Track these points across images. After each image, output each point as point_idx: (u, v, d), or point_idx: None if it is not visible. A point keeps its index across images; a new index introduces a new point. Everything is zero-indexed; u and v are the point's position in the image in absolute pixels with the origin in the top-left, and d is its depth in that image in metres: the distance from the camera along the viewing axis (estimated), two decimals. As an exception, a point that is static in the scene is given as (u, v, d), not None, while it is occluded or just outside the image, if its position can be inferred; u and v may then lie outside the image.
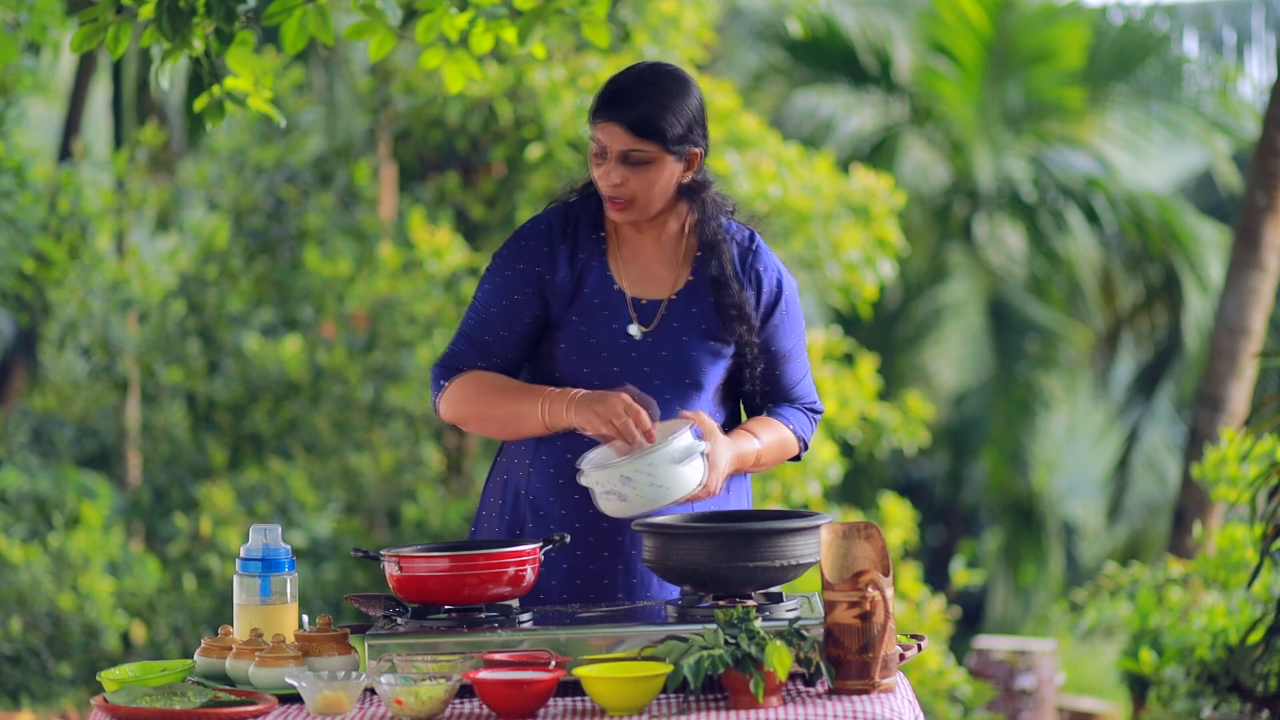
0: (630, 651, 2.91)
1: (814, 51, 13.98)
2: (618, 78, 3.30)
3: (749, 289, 3.36)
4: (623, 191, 3.27)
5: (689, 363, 3.32)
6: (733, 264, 3.35)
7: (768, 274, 3.38)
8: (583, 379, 3.31)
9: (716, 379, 3.36)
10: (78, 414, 10.13)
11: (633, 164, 3.26)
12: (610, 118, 3.25)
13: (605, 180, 3.27)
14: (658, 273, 3.36)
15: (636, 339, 3.31)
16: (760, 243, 3.41)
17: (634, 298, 3.34)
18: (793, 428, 3.41)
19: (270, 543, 3.19)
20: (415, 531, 8.89)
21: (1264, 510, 5.03)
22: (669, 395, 3.31)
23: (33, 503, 8.94)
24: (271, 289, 9.54)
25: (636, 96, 3.25)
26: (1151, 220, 13.69)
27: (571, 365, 3.32)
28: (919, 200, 13.59)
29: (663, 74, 3.30)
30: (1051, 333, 13.78)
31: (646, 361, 3.31)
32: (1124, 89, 14.28)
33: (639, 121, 3.24)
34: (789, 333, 3.41)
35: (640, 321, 3.32)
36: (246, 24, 3.88)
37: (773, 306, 3.38)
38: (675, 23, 8.79)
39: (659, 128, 3.25)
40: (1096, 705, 9.25)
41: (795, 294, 3.43)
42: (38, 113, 13.33)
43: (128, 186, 9.71)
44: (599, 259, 3.35)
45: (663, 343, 3.32)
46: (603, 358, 3.31)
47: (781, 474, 8.22)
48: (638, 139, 3.25)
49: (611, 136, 3.25)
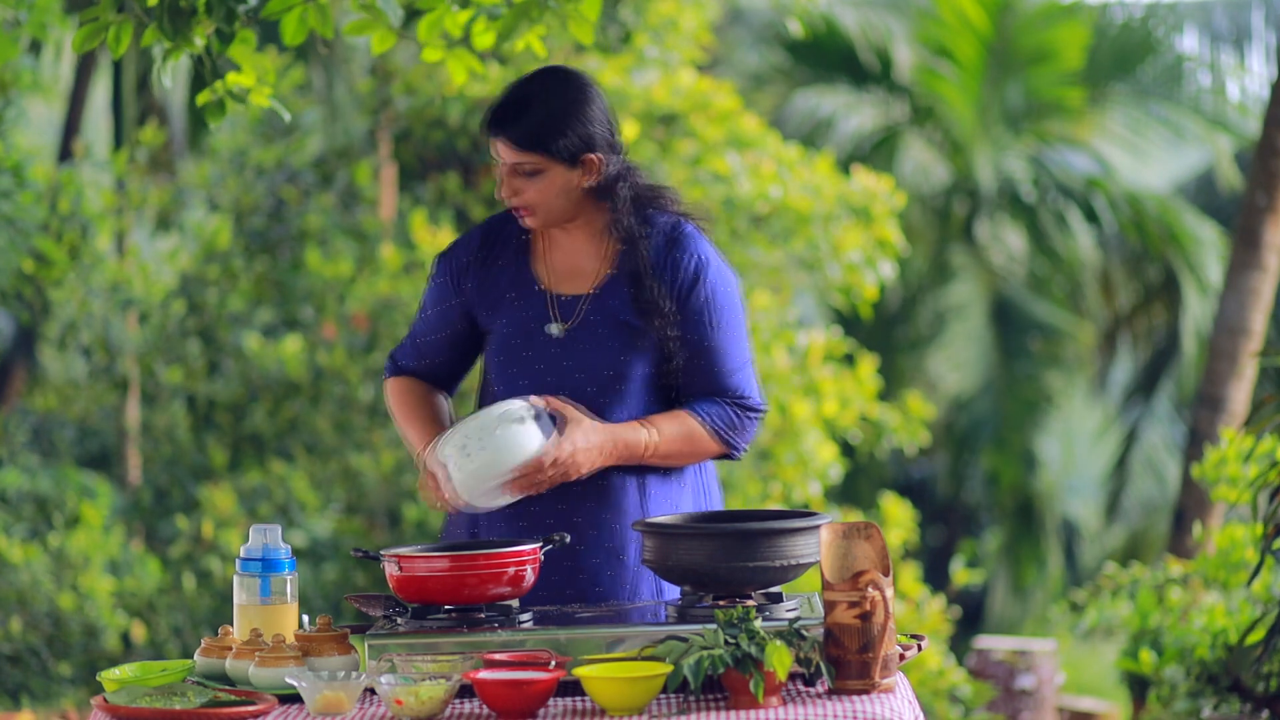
0: (630, 651, 2.91)
1: (814, 51, 13.98)
2: (509, 90, 3.33)
3: (666, 276, 3.35)
4: (521, 201, 3.33)
5: (609, 356, 3.33)
6: (651, 255, 3.35)
7: (688, 262, 3.36)
8: (510, 379, 3.36)
9: (641, 372, 3.36)
10: (78, 414, 10.13)
11: (525, 175, 3.31)
12: (495, 133, 3.30)
13: (502, 192, 3.34)
14: (582, 269, 3.39)
15: (557, 336, 3.34)
16: (687, 231, 3.39)
17: (556, 295, 3.37)
18: (704, 421, 3.35)
19: (270, 543, 3.19)
20: (415, 532, 8.89)
21: (1264, 510, 5.03)
22: (592, 389, 3.33)
23: (33, 503, 8.94)
24: (272, 289, 9.54)
25: (519, 110, 3.29)
26: (1151, 220, 13.69)
27: (499, 367, 3.39)
28: (919, 200, 13.59)
29: (551, 82, 3.33)
30: (1055, 330, 13.78)
31: (568, 357, 3.34)
32: (1124, 88, 14.28)
33: (523, 136, 3.28)
34: (714, 324, 3.37)
35: (561, 319, 3.35)
36: (247, 23, 3.88)
37: (691, 295, 3.36)
38: (675, 24, 8.80)
39: (543, 140, 3.28)
40: (1096, 705, 9.25)
41: (726, 285, 3.40)
42: (38, 113, 13.33)
43: (128, 186, 9.71)
44: (522, 262, 3.40)
45: (583, 338, 3.34)
46: (526, 357, 3.35)
47: (782, 474, 8.22)
48: (523, 152, 3.29)
49: (500, 150, 3.31)
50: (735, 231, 8.33)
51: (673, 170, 8.28)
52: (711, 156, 8.24)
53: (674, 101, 8.38)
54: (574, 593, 3.33)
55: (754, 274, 8.50)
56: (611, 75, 8.44)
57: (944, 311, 13.84)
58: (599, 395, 3.33)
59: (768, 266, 8.52)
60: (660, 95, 8.36)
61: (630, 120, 8.33)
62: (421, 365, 3.50)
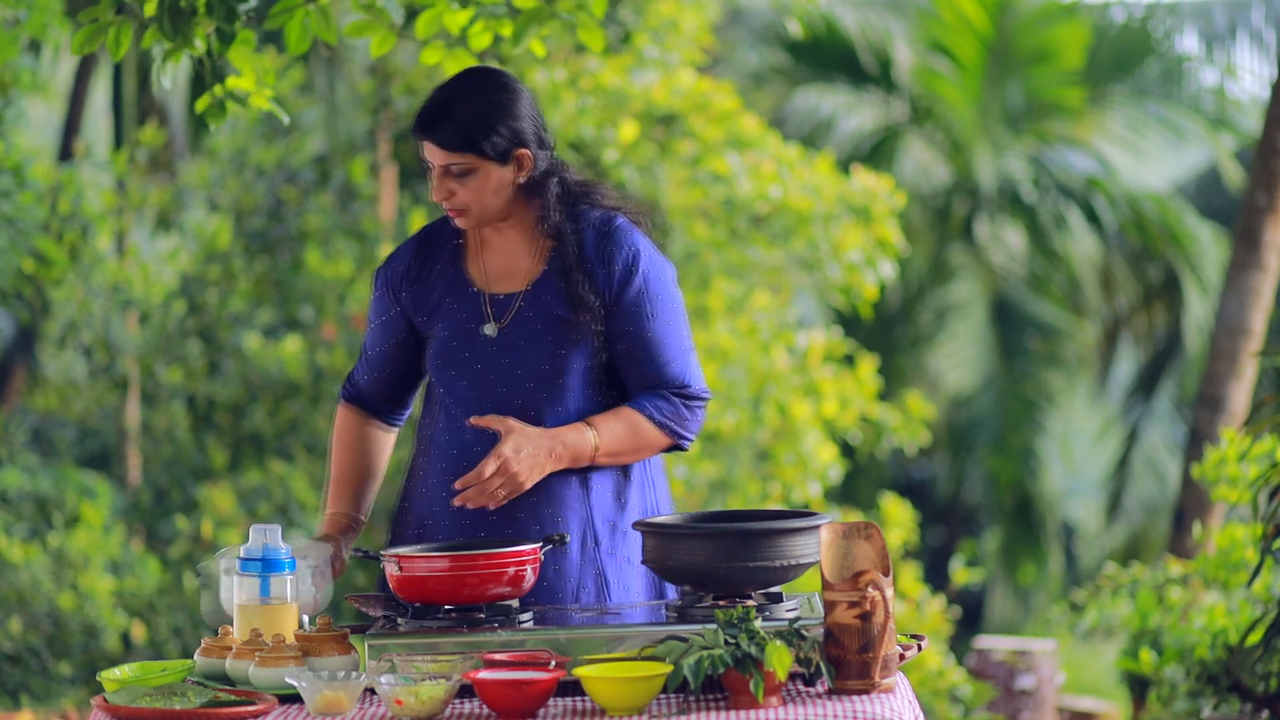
0: (630, 651, 2.91)
1: (814, 51, 13.98)
2: (434, 93, 3.34)
3: (600, 269, 3.36)
4: (454, 203, 3.34)
5: (545, 352, 3.34)
6: (584, 250, 3.37)
7: (621, 255, 3.37)
8: (449, 380, 3.37)
9: (579, 366, 3.36)
10: (78, 414, 10.13)
11: (456, 176, 3.31)
12: (424, 135, 3.31)
13: (436, 194, 3.35)
14: (516, 268, 3.40)
15: (492, 336, 3.36)
16: (619, 224, 3.40)
17: (491, 295, 3.38)
18: (649, 414, 3.37)
19: (270, 543, 3.19)
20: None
21: (1264, 510, 5.03)
22: (531, 385, 3.34)
23: (33, 503, 8.94)
24: (272, 289, 9.54)
25: (447, 111, 3.30)
26: (1151, 220, 13.69)
27: (438, 370, 3.40)
28: (919, 200, 13.59)
29: (477, 83, 3.34)
30: (1054, 330, 13.78)
31: (505, 355, 3.35)
32: (1124, 88, 14.28)
33: (451, 137, 3.29)
34: (651, 314, 3.38)
35: (496, 318, 3.36)
36: (247, 23, 3.88)
37: (625, 287, 3.37)
38: (676, 25, 8.80)
39: (472, 139, 3.30)
40: (1096, 705, 9.25)
41: (660, 275, 3.40)
42: (38, 113, 13.32)
43: (128, 186, 9.71)
44: (456, 265, 3.42)
45: (518, 336, 3.35)
46: (464, 359, 3.36)
47: (782, 474, 8.22)
48: (452, 153, 3.30)
49: (430, 153, 3.31)
50: (735, 231, 8.33)
51: (673, 170, 8.28)
52: (711, 157, 8.24)
53: (674, 102, 8.38)
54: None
55: (754, 274, 8.51)
56: (611, 75, 8.44)
57: (944, 310, 13.84)
58: (538, 391, 3.34)
59: (768, 266, 8.52)
60: (660, 95, 8.36)
61: (630, 120, 8.34)
62: (374, 379, 3.52)
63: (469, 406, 3.35)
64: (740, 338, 8.36)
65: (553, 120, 8.47)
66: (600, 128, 8.42)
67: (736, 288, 8.46)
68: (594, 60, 8.56)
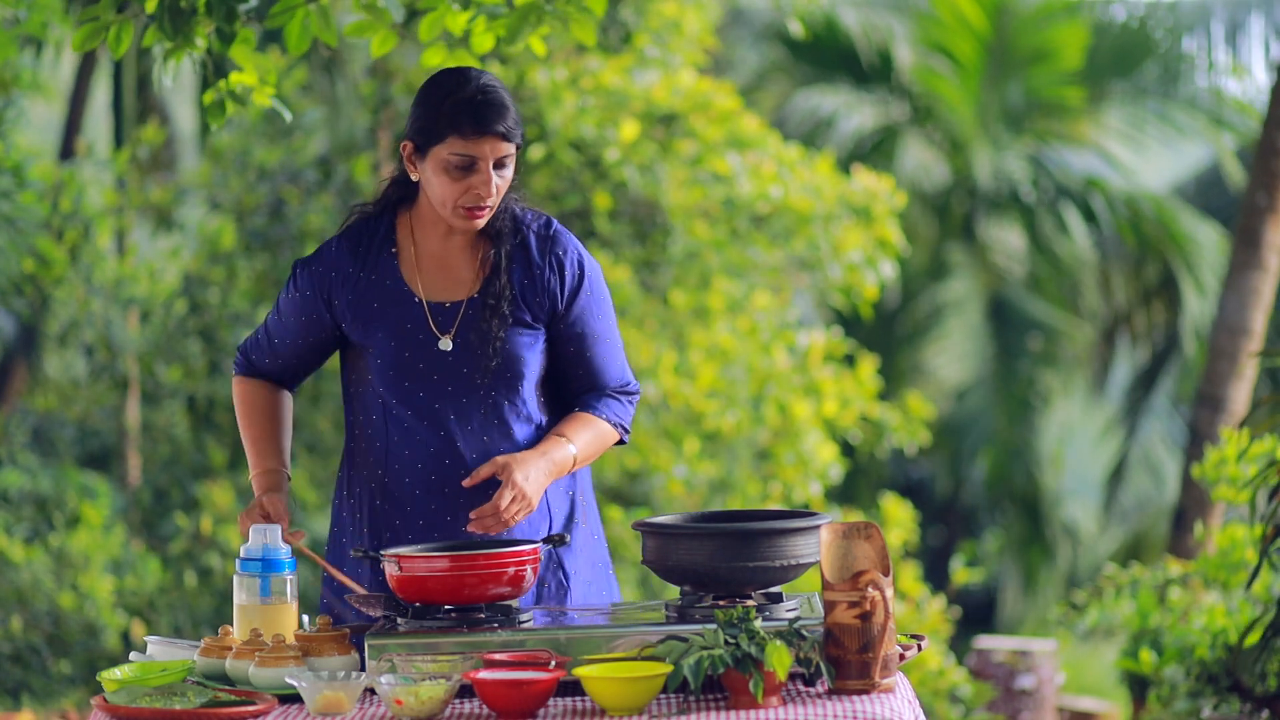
0: (630, 651, 2.92)
1: (815, 50, 13.99)
2: (471, 88, 3.29)
3: (551, 274, 3.38)
4: (495, 198, 3.31)
5: (503, 358, 3.34)
6: (529, 254, 3.38)
7: (569, 257, 3.40)
8: (407, 391, 3.35)
9: (536, 368, 3.38)
10: (78, 414, 10.13)
11: (502, 168, 3.31)
12: (487, 128, 3.26)
13: (483, 190, 3.29)
14: (459, 274, 3.38)
15: (447, 350, 3.34)
16: (558, 227, 3.43)
17: (433, 304, 3.36)
18: (606, 417, 3.42)
19: (270, 543, 3.19)
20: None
21: (1264, 510, 5.03)
22: (495, 392, 3.34)
23: (33, 503, 8.95)
24: (273, 289, 9.54)
25: (502, 103, 3.29)
26: (1149, 220, 13.70)
27: (389, 381, 3.36)
28: (919, 199, 13.60)
29: (490, 75, 3.35)
30: (1052, 330, 13.78)
31: (463, 364, 3.34)
32: (1123, 88, 14.28)
33: (513, 127, 3.29)
34: (596, 313, 3.43)
35: (444, 329, 3.35)
36: (247, 23, 3.88)
37: (577, 289, 3.40)
38: (677, 27, 8.80)
39: (521, 130, 3.32)
40: (1096, 705, 9.25)
41: (598, 275, 3.45)
42: (38, 112, 13.32)
43: (129, 185, 9.71)
44: (393, 274, 3.38)
45: (472, 344, 3.34)
46: (420, 370, 3.34)
47: (782, 474, 8.22)
48: (510, 143, 3.30)
49: (491, 148, 3.27)
50: (735, 231, 8.33)
51: (673, 170, 8.28)
52: (712, 157, 8.24)
53: (674, 102, 8.38)
54: None
55: (754, 274, 8.51)
56: (612, 75, 8.44)
57: (942, 309, 13.84)
58: (499, 396, 3.34)
59: (768, 266, 8.52)
60: (660, 95, 8.36)
61: (631, 120, 8.34)
62: (274, 365, 3.49)
63: (429, 416, 3.34)
64: (740, 338, 8.36)
65: (553, 120, 8.47)
66: (601, 127, 8.42)
67: (737, 288, 8.46)
68: (595, 60, 8.56)
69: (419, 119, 3.30)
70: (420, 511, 3.35)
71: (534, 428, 3.39)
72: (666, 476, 8.15)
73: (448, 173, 3.28)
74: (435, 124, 3.27)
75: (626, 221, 8.27)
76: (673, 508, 8.11)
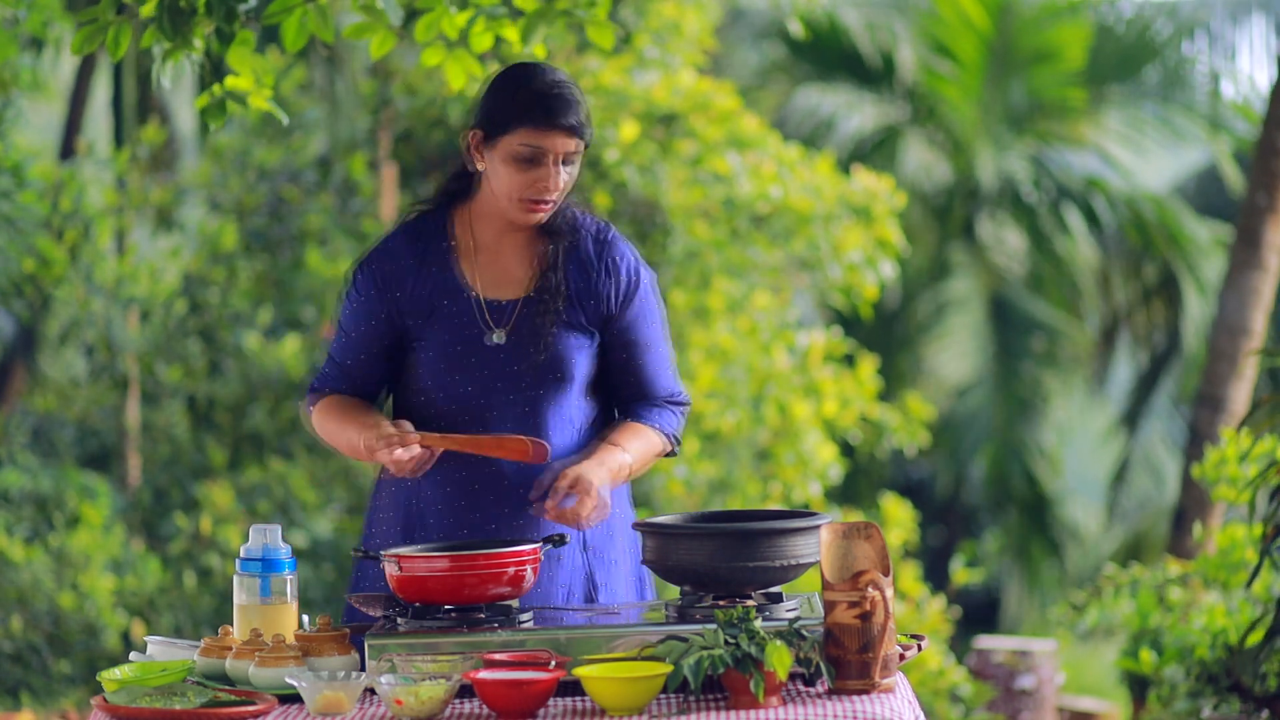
0: (630, 651, 2.91)
1: (816, 50, 13.99)
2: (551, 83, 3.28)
3: (606, 278, 3.37)
4: (558, 194, 3.30)
5: (553, 359, 3.33)
6: (586, 257, 3.37)
7: (624, 262, 3.39)
8: (453, 385, 3.33)
9: (584, 371, 3.37)
10: (78, 414, 10.13)
11: (568, 164, 3.29)
12: (559, 123, 3.25)
13: (548, 184, 3.28)
14: (514, 273, 3.37)
15: (499, 344, 3.33)
16: (614, 233, 3.43)
17: (489, 300, 3.35)
18: (658, 427, 3.41)
19: (270, 543, 3.19)
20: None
21: (1264, 510, 5.03)
22: (541, 391, 3.33)
23: (33, 503, 8.95)
24: (272, 289, 9.54)
25: (573, 97, 3.28)
26: (1150, 220, 13.70)
27: (439, 374, 3.34)
28: (920, 199, 13.60)
29: (566, 74, 3.34)
30: (1053, 330, 13.79)
31: (513, 362, 3.33)
32: (1125, 89, 14.29)
33: (584, 122, 3.28)
34: (649, 322, 3.41)
35: (497, 324, 3.34)
36: (247, 23, 3.88)
37: (631, 295, 3.39)
38: (677, 28, 8.80)
39: (591, 131, 3.32)
40: (1096, 705, 9.25)
41: (653, 284, 3.44)
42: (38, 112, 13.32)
43: (129, 185, 9.71)
44: (450, 268, 3.36)
45: (523, 343, 3.33)
46: (470, 364, 3.33)
47: (782, 474, 8.22)
48: (579, 140, 3.29)
49: (560, 142, 3.26)
50: (735, 231, 8.33)
51: (673, 170, 8.28)
52: (712, 157, 8.24)
53: (674, 102, 8.38)
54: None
55: (754, 274, 8.50)
56: (612, 75, 8.44)
57: (942, 309, 13.85)
58: (544, 397, 3.33)
59: (768, 266, 8.52)
60: (660, 95, 8.36)
61: (631, 120, 8.33)
62: (350, 387, 3.43)
63: (471, 412, 3.33)
64: (740, 338, 8.36)
65: (553, 120, 8.46)
66: (601, 127, 8.42)
67: (737, 288, 8.46)
68: (595, 60, 8.56)
69: (490, 108, 3.29)
70: (451, 508, 3.34)
71: (574, 431, 3.37)
72: (667, 476, 8.15)
73: (515, 164, 3.27)
74: (507, 114, 3.26)
75: (626, 222, 8.26)
76: (673, 508, 8.11)
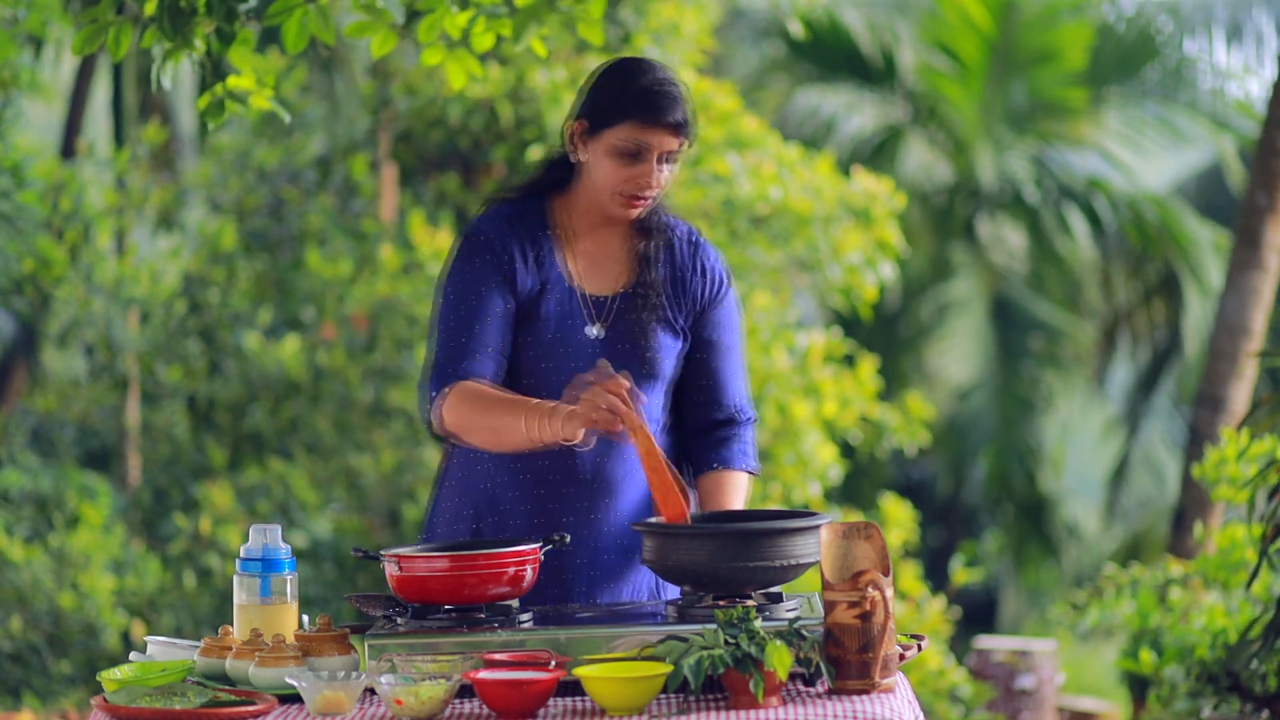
0: (630, 651, 2.91)
1: (816, 50, 13.99)
2: (658, 80, 3.29)
3: (697, 278, 3.40)
4: (656, 192, 3.30)
5: (647, 355, 3.34)
6: (679, 257, 3.39)
7: (713, 264, 3.44)
8: (544, 374, 3.32)
9: (672, 369, 3.39)
10: (78, 414, 10.13)
11: (669, 162, 3.30)
12: (665, 121, 3.25)
13: (647, 180, 3.28)
14: (609, 268, 3.38)
15: (596, 338, 3.33)
16: (702, 237, 3.46)
17: (588, 294, 3.36)
18: (746, 468, 3.42)
19: (270, 543, 3.19)
20: (416, 532, 8.89)
21: (1263, 510, 5.03)
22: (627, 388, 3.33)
23: (33, 503, 8.95)
24: (272, 289, 9.54)
25: (680, 99, 3.28)
26: (1151, 221, 13.70)
27: (532, 361, 3.33)
28: (921, 199, 13.60)
29: (674, 73, 3.35)
30: (1054, 330, 13.79)
31: (608, 356, 3.31)
32: (1127, 89, 14.29)
33: (685, 123, 3.28)
34: (730, 327, 3.44)
35: (594, 319, 3.34)
36: (247, 23, 3.88)
37: (718, 298, 3.42)
38: (677, 28, 8.79)
39: (694, 132, 3.32)
40: (1096, 705, 9.25)
41: (736, 293, 3.48)
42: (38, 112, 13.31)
43: (129, 185, 9.71)
44: (553, 257, 3.36)
45: (620, 338, 3.34)
46: (564, 354, 3.33)
47: (782, 474, 8.22)
48: (682, 139, 3.29)
49: (662, 140, 3.27)
50: (735, 232, 8.32)
51: (673, 170, 8.27)
52: (712, 157, 8.24)
53: (674, 102, 8.36)
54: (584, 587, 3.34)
55: (754, 274, 8.50)
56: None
57: (944, 308, 13.85)
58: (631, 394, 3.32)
59: (768, 267, 8.52)
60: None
61: (630, 120, 8.32)
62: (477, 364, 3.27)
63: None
64: (740, 338, 8.34)
65: (553, 121, 8.47)
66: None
67: (737, 288, 8.46)
68: (594, 61, 8.56)
69: (596, 100, 3.30)
70: (528, 496, 3.32)
71: (657, 430, 3.36)
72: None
73: (616, 157, 3.28)
74: (613, 107, 3.27)
75: (627, 222, 8.25)
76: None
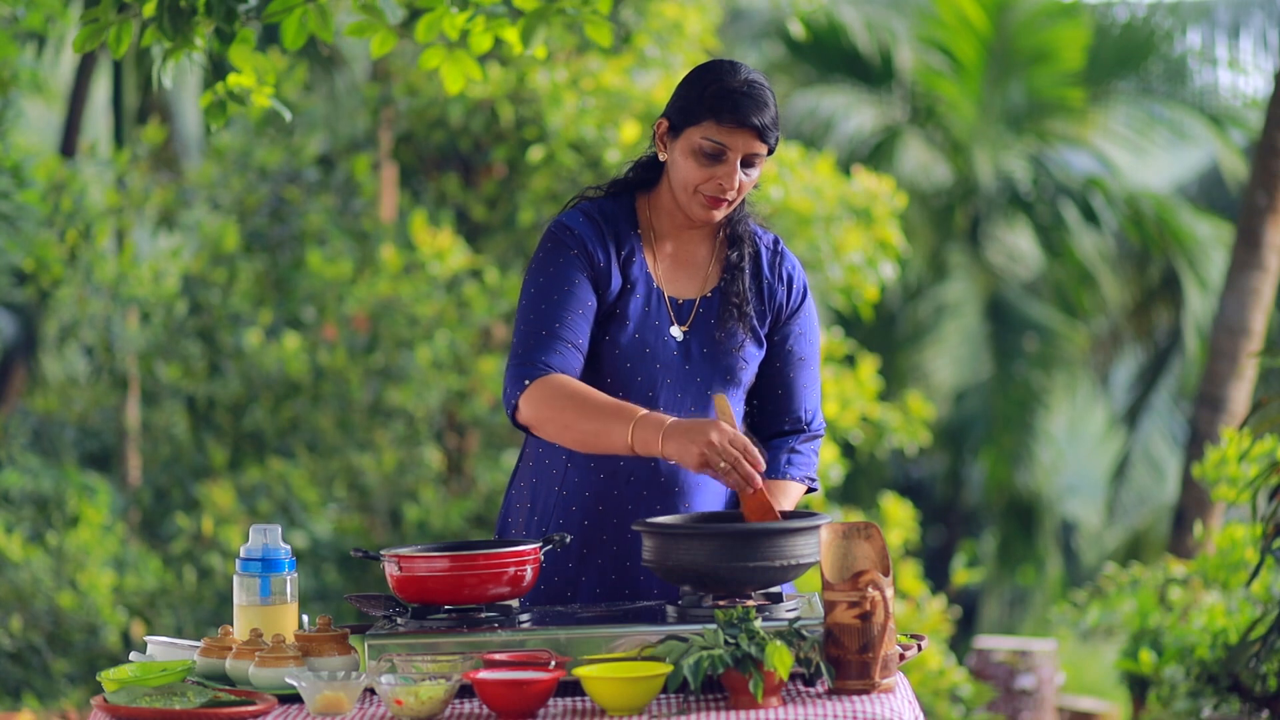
0: (630, 651, 2.91)
1: (816, 50, 13.99)
2: (744, 81, 3.27)
3: (780, 286, 3.42)
4: (736, 194, 3.30)
5: (727, 359, 3.34)
6: (762, 264, 3.42)
7: (796, 275, 3.46)
8: (626, 374, 3.31)
9: (750, 375, 3.39)
10: (78, 414, 10.14)
11: (749, 166, 3.30)
12: (745, 124, 3.25)
13: (726, 182, 3.28)
14: (692, 271, 3.39)
15: (679, 339, 3.33)
16: (786, 247, 3.49)
17: (671, 296, 3.36)
18: (803, 476, 3.41)
19: (270, 543, 3.19)
20: (416, 532, 8.89)
21: (1264, 510, 5.03)
22: (710, 391, 3.33)
23: (33, 503, 8.95)
24: (273, 289, 9.54)
25: (764, 101, 3.27)
26: (1150, 220, 13.70)
27: (615, 359, 3.32)
28: (920, 199, 13.60)
29: (760, 75, 3.33)
30: (1051, 332, 13.79)
31: (687, 359, 3.33)
32: (1125, 88, 14.29)
33: (768, 128, 3.28)
34: (808, 339, 3.45)
35: (677, 321, 3.34)
36: (247, 22, 3.88)
37: (798, 309, 3.43)
38: (679, 28, 8.79)
39: (778, 136, 3.31)
40: (1096, 705, 9.25)
41: (815, 306, 3.49)
42: (38, 112, 13.32)
43: (130, 185, 9.71)
44: (638, 257, 3.36)
45: (702, 341, 3.34)
46: (646, 354, 3.32)
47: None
48: (764, 143, 3.28)
49: (743, 142, 3.26)
50: (736, 232, 8.31)
51: (673, 170, 8.27)
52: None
53: (675, 102, 8.36)
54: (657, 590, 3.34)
55: (754, 274, 8.49)
56: (612, 76, 8.43)
57: (943, 308, 13.85)
58: (709, 397, 3.33)
59: (768, 267, 8.51)
60: (661, 96, 8.35)
61: (631, 120, 8.33)
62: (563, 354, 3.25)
63: (641, 405, 3.24)
64: (740, 338, 8.34)
65: (554, 121, 8.47)
66: (601, 128, 8.41)
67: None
68: (595, 61, 8.55)
69: (681, 99, 3.29)
70: (602, 496, 3.31)
71: None
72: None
73: (696, 157, 3.27)
74: (696, 106, 3.26)
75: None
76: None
